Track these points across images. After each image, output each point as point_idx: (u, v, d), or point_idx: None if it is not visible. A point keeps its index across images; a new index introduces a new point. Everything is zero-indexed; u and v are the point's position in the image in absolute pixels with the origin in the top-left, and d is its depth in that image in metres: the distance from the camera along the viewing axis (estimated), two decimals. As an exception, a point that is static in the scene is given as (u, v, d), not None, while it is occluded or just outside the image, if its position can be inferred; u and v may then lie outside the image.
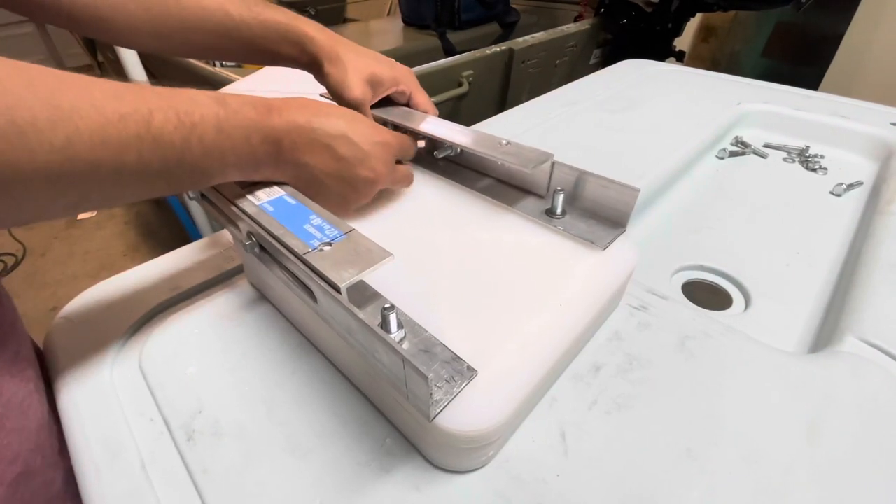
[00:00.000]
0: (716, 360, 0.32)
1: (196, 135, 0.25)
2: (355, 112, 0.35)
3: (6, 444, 0.27)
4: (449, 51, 1.46)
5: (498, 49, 1.15)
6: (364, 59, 0.39)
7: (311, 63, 0.39)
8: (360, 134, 0.32)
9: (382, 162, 0.34)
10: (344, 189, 0.33)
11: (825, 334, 0.36)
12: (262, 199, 0.31)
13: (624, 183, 0.32)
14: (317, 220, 0.28)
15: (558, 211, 0.35)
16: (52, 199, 0.21)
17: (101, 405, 0.30)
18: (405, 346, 0.25)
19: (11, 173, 0.18)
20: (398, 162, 0.37)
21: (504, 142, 0.36)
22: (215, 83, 0.89)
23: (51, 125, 0.19)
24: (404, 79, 0.42)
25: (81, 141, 0.20)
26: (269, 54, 0.40)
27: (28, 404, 0.29)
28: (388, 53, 0.43)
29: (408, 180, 0.39)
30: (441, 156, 0.41)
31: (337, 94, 0.39)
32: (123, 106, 0.22)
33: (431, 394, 0.21)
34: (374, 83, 0.40)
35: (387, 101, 0.43)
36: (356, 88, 0.38)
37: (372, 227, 0.35)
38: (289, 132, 0.29)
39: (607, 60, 1.53)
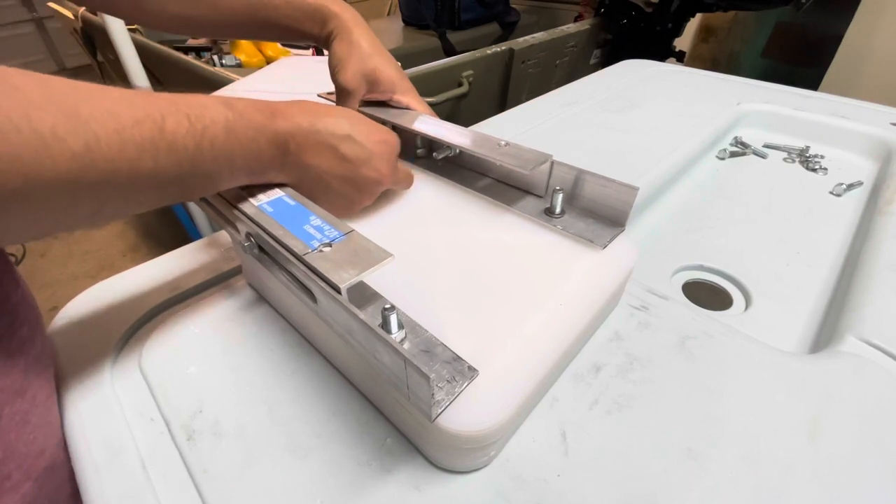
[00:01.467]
0: (716, 360, 0.32)
1: (207, 139, 0.25)
2: (357, 113, 0.35)
3: (32, 438, 0.27)
4: (449, 51, 1.46)
5: (498, 49, 1.15)
6: (374, 53, 0.39)
7: (327, 37, 0.40)
8: (364, 134, 0.32)
9: (386, 161, 0.34)
10: (349, 190, 0.33)
11: (825, 334, 0.36)
12: (262, 200, 0.31)
13: (623, 182, 0.32)
14: (316, 221, 0.28)
15: (557, 210, 0.35)
16: (69, 210, 0.21)
17: (101, 405, 0.30)
18: (406, 346, 0.25)
19: (33, 181, 0.18)
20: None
21: (503, 143, 0.36)
22: (215, 83, 0.89)
23: (70, 132, 0.19)
24: (402, 88, 0.42)
25: (99, 147, 0.20)
26: (290, 31, 0.41)
27: (52, 400, 0.29)
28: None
29: (408, 181, 0.39)
30: (440, 157, 0.41)
31: (332, 73, 0.40)
32: (137, 112, 0.22)
33: (433, 394, 0.21)
34: (371, 80, 0.40)
35: (385, 105, 0.43)
36: (349, 74, 0.38)
37: (372, 227, 0.35)
38: (293, 135, 0.30)
39: (607, 60, 1.53)
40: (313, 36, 0.41)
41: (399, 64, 0.42)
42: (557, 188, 0.35)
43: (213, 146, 0.25)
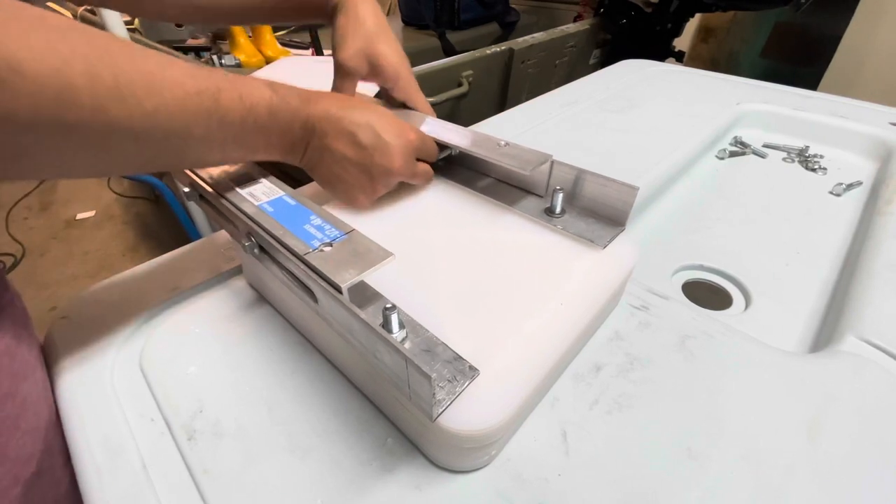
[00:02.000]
0: (716, 360, 0.32)
1: (252, 116, 0.28)
2: (384, 108, 0.35)
3: (22, 444, 0.27)
4: (449, 51, 1.46)
5: (498, 49, 1.15)
6: (379, 32, 0.39)
7: (332, 12, 0.40)
8: (384, 127, 0.34)
9: (401, 154, 0.35)
10: (362, 178, 0.34)
11: (825, 334, 0.36)
12: (262, 200, 0.31)
13: (623, 182, 0.32)
14: (317, 221, 0.28)
15: (558, 210, 0.35)
16: (133, 156, 0.25)
17: (102, 405, 0.30)
18: (407, 345, 0.25)
19: (111, 130, 0.22)
20: (419, 160, 0.38)
21: (503, 143, 0.36)
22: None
23: (145, 93, 0.23)
24: (404, 78, 0.41)
25: (166, 109, 0.23)
26: (300, 11, 0.42)
27: (40, 405, 0.29)
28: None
29: (425, 176, 0.39)
30: (441, 157, 0.41)
31: (334, 49, 0.39)
32: (199, 83, 0.25)
33: (434, 394, 0.21)
34: (373, 63, 0.39)
35: (384, 101, 0.43)
36: (349, 52, 0.38)
37: (372, 227, 0.35)
38: (321, 120, 0.32)
39: (607, 60, 1.53)
40: (321, 11, 0.41)
41: (400, 47, 0.41)
42: (558, 188, 0.35)
43: (256, 122, 0.28)
